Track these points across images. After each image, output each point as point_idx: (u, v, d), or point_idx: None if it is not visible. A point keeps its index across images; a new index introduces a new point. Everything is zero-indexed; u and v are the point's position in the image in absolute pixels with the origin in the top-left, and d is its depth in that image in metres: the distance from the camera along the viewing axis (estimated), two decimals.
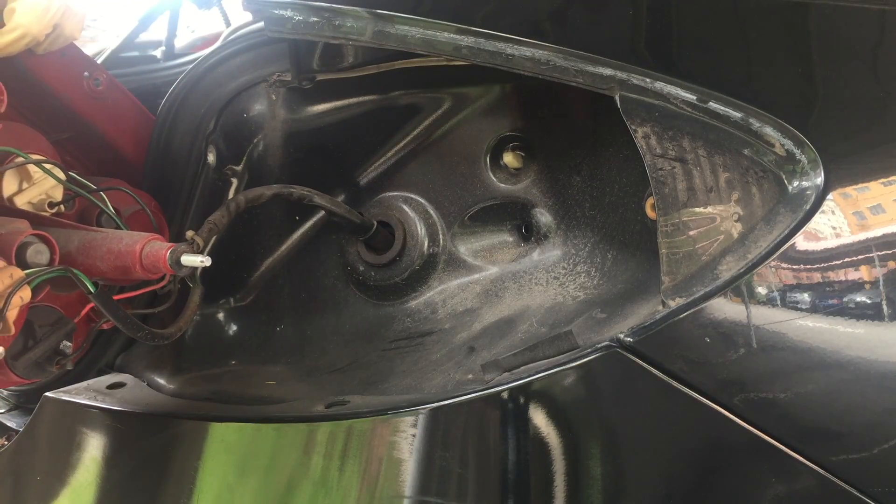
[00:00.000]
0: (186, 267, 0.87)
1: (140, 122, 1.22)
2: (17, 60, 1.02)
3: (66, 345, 0.91)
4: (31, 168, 0.95)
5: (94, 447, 1.00)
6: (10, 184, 0.95)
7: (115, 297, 0.93)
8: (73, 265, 0.87)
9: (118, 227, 1.00)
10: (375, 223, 1.22)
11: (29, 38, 0.95)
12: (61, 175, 0.98)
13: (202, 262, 0.86)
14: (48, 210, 0.97)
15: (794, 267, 0.73)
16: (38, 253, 0.84)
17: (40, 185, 0.97)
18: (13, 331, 0.80)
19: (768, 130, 0.75)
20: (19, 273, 0.80)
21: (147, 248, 0.87)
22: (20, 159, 0.93)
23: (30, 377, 0.88)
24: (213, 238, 1.01)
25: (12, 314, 0.79)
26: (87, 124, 1.14)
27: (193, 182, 1.20)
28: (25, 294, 0.80)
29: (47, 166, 0.96)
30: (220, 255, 1.24)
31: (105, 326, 1.00)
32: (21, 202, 0.95)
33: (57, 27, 0.99)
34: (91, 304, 0.90)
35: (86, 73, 1.12)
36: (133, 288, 0.96)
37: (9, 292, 0.78)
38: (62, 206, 0.99)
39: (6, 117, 0.98)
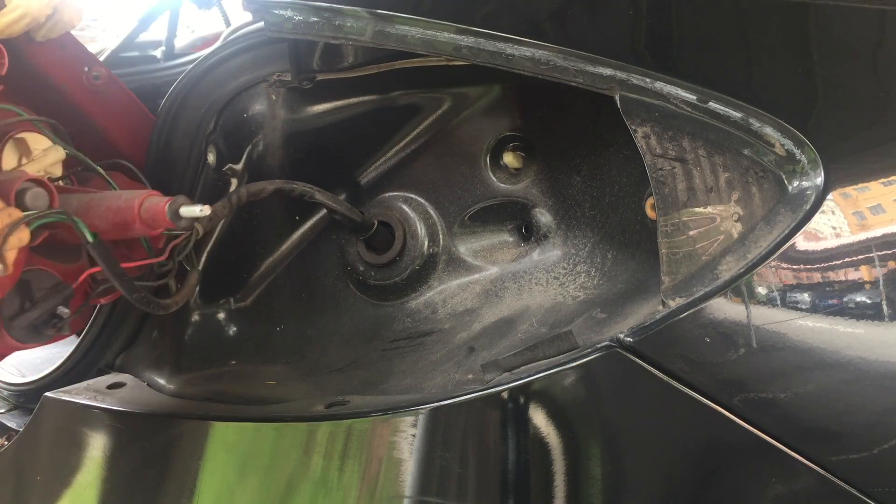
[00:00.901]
0: (186, 219, 0.87)
1: (138, 120, 1.22)
2: (18, 48, 1.02)
3: (64, 310, 0.91)
4: (32, 143, 0.95)
5: (94, 447, 1.00)
6: (10, 158, 0.95)
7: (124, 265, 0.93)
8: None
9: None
10: (376, 222, 1.22)
11: (29, 18, 0.95)
12: (61, 141, 0.98)
13: (202, 210, 0.86)
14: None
15: (794, 267, 0.73)
16: (37, 197, 0.84)
17: (40, 161, 0.97)
18: (11, 270, 0.81)
19: (768, 130, 0.75)
20: (18, 213, 0.80)
21: (146, 202, 0.87)
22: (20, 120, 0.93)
23: (26, 341, 0.89)
24: (217, 228, 1.01)
25: (11, 255, 0.80)
26: (85, 118, 1.14)
27: (193, 182, 1.20)
28: (24, 235, 0.80)
29: (46, 128, 0.95)
30: (221, 254, 1.24)
31: (102, 300, 1.00)
32: None
33: (56, 11, 0.99)
34: (89, 271, 0.91)
35: (86, 68, 1.13)
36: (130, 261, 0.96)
37: (6, 231, 0.78)
38: (62, 182, 0.99)
39: (3, 99, 0.98)
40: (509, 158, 1.18)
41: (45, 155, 0.97)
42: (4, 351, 0.94)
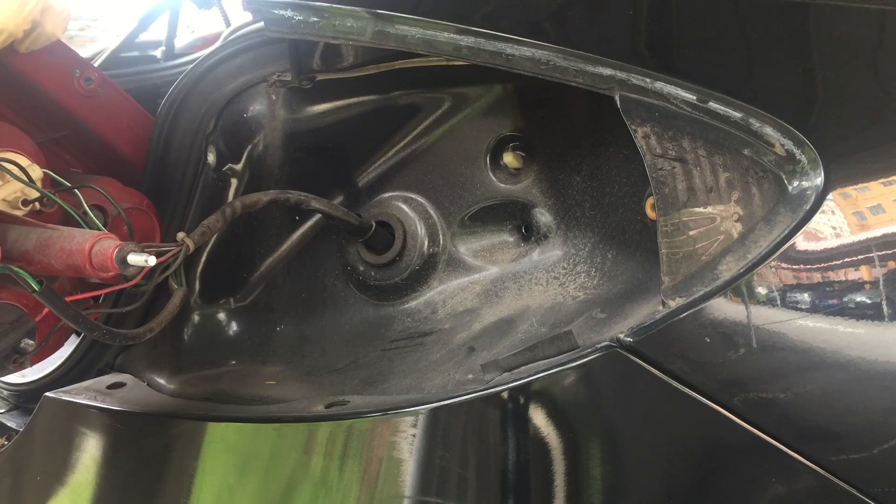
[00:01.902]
0: (133, 266, 0.85)
1: (136, 121, 1.22)
2: (3, 59, 1.01)
3: (28, 343, 0.90)
4: (9, 168, 0.94)
5: (93, 447, 1.00)
6: None
7: (78, 297, 0.92)
8: (30, 263, 0.86)
9: (85, 226, 0.97)
10: (374, 224, 1.22)
11: (6, 34, 0.93)
12: (24, 174, 0.96)
13: (146, 261, 0.85)
14: (22, 208, 0.96)
15: (794, 267, 0.73)
16: None
17: (14, 183, 0.95)
18: None
19: (768, 130, 0.75)
20: None
21: (96, 246, 0.86)
22: None
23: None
24: (211, 240, 1.01)
25: None
26: (80, 122, 1.14)
27: (193, 182, 1.21)
28: None
29: (7, 164, 0.93)
30: (220, 255, 1.24)
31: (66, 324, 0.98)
32: None
33: (36, 24, 0.97)
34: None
35: (77, 72, 1.12)
36: (98, 286, 0.94)
37: None
38: (37, 204, 0.97)
39: None
40: (509, 158, 1.18)
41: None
42: None
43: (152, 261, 0.85)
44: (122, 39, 1.94)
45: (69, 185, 1.01)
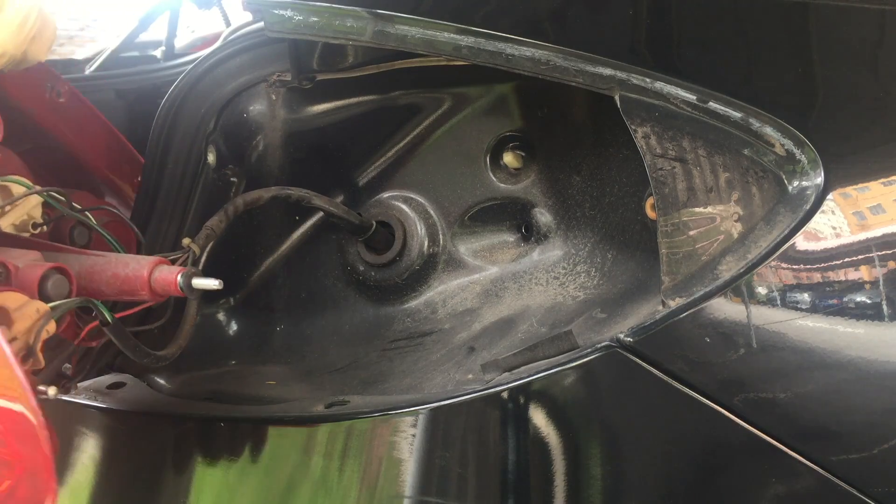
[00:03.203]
0: (198, 290, 0.88)
1: (101, 132, 1.21)
2: None
3: (67, 367, 0.91)
4: (13, 189, 0.94)
5: (93, 447, 1.00)
6: None
7: (119, 315, 0.93)
8: (78, 291, 0.87)
9: (118, 248, 0.99)
10: (374, 224, 1.22)
11: (7, 57, 0.92)
12: (60, 199, 0.97)
13: (216, 286, 0.87)
14: (31, 231, 0.97)
15: (794, 267, 0.73)
16: (58, 285, 0.84)
17: (22, 206, 0.96)
18: (43, 363, 0.80)
19: (768, 130, 0.75)
20: (44, 307, 0.80)
21: (156, 272, 0.88)
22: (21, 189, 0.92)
23: (43, 377, 0.88)
24: (210, 243, 1.01)
25: (39, 347, 0.79)
26: (49, 136, 1.13)
27: (193, 182, 1.20)
28: (51, 327, 0.80)
29: (54, 195, 0.95)
30: (220, 255, 1.24)
31: (93, 344, 1.00)
32: (5, 224, 0.95)
33: (31, 41, 0.95)
34: (90, 326, 0.90)
35: (48, 86, 1.11)
36: (127, 305, 0.95)
37: (38, 327, 0.78)
38: (44, 228, 0.98)
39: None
40: (509, 158, 1.18)
41: (25, 200, 0.95)
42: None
43: (220, 285, 0.87)
44: (122, 39, 1.94)
45: (78, 206, 1.00)
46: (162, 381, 1.14)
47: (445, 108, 1.20)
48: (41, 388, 0.79)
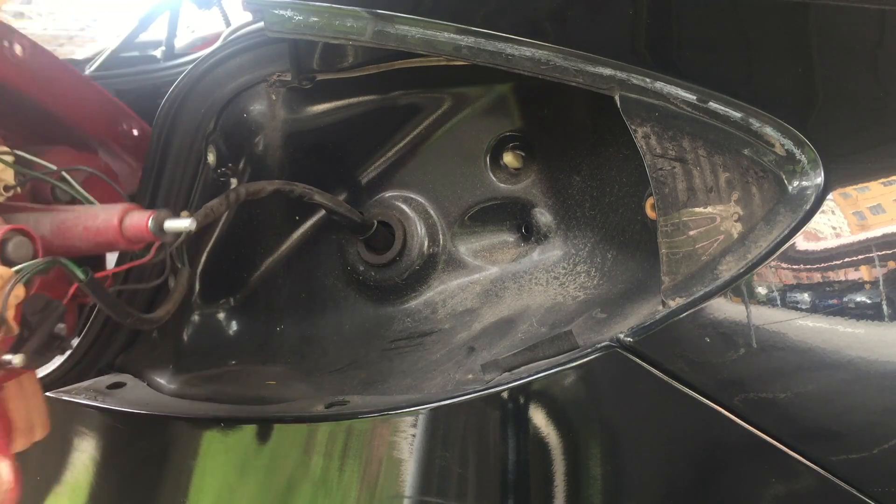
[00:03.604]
0: (171, 232, 0.85)
1: (73, 84, 1.16)
2: None
3: (61, 327, 0.90)
4: None
5: (93, 447, 1.00)
6: None
7: (99, 274, 0.91)
8: (50, 250, 0.85)
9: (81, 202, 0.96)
10: (376, 223, 1.22)
11: None
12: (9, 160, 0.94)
13: (188, 226, 0.84)
14: (3, 193, 0.93)
15: (794, 267, 0.73)
16: (20, 247, 0.81)
17: None
18: (16, 330, 0.79)
19: (768, 130, 0.75)
20: (8, 272, 0.78)
21: (127, 219, 0.86)
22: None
23: (33, 367, 0.87)
24: (207, 222, 0.99)
25: (10, 313, 0.78)
26: (16, 93, 1.08)
27: (193, 182, 1.20)
28: (19, 292, 0.79)
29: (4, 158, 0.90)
30: (220, 255, 1.24)
31: (87, 300, 0.97)
32: None
33: None
34: (76, 284, 0.88)
35: (5, 42, 1.08)
36: (119, 265, 0.93)
37: (4, 293, 0.76)
38: (18, 189, 0.95)
39: None
40: (509, 158, 1.18)
41: None
42: (11, 378, 0.92)
43: (194, 224, 0.84)
44: (122, 39, 1.94)
45: (51, 166, 0.97)
46: (162, 381, 1.14)
47: (445, 108, 1.20)
48: (6, 357, 0.77)
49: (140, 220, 0.85)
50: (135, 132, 1.24)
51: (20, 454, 0.87)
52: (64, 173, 0.97)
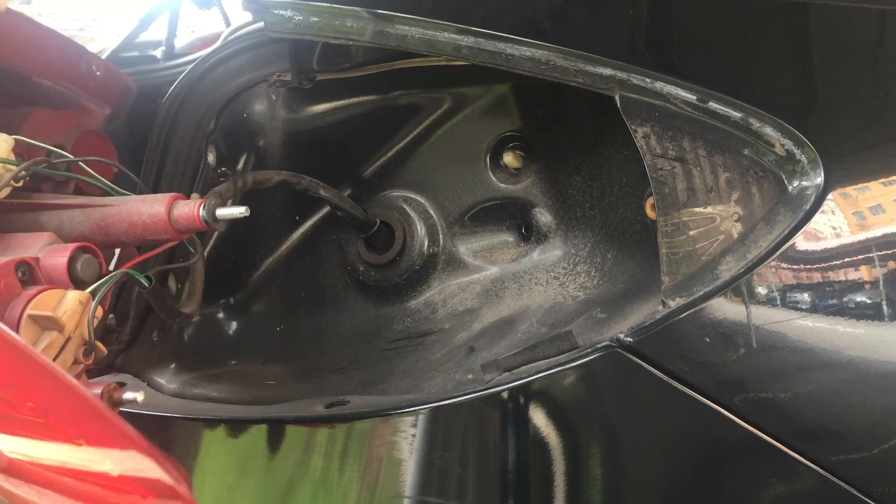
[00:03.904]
0: (223, 220, 0.84)
1: (30, 32, 1.10)
2: None
3: (111, 317, 0.88)
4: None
5: None
6: None
7: (137, 260, 0.90)
8: (96, 244, 0.83)
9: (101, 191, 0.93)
10: (378, 221, 1.22)
11: None
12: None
13: (243, 212, 0.83)
14: (14, 184, 0.88)
15: (794, 267, 0.73)
16: (89, 265, 0.79)
17: None
18: (105, 350, 0.77)
19: (768, 130, 0.75)
20: (85, 295, 0.75)
21: (175, 210, 0.84)
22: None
23: (99, 363, 0.86)
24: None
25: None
26: None
27: (193, 181, 1.21)
28: (98, 312, 0.77)
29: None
30: (221, 254, 1.24)
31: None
32: None
33: None
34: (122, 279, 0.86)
35: None
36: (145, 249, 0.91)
37: (87, 318, 0.74)
38: (26, 177, 0.90)
39: None
40: (509, 158, 1.18)
41: None
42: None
43: (247, 211, 0.83)
44: (122, 39, 1.94)
45: (67, 155, 0.93)
46: (162, 381, 1.14)
47: (445, 108, 1.20)
48: (128, 396, 0.74)
49: (190, 209, 0.84)
50: (98, 73, 1.19)
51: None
52: (83, 164, 0.93)
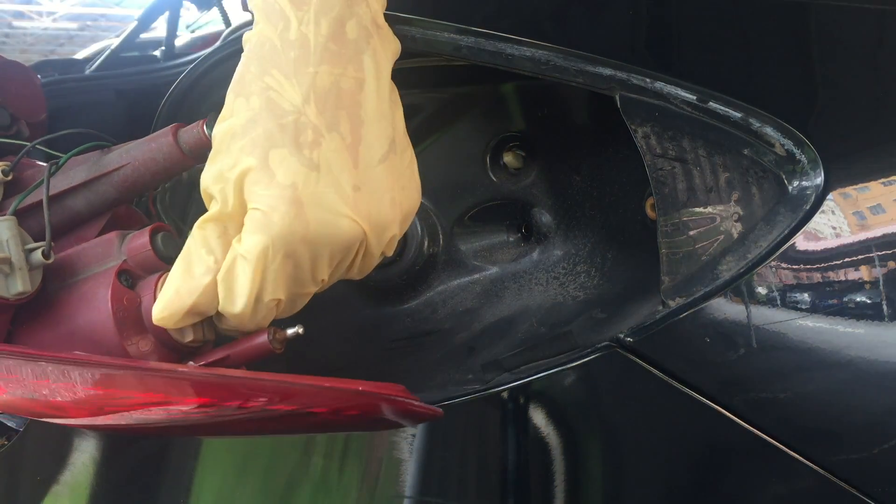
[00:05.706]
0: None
1: None
2: None
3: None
4: None
5: (94, 447, 1.00)
6: None
7: None
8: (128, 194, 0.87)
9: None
10: None
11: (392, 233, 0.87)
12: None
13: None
14: (3, 177, 0.87)
15: (794, 267, 0.73)
16: (167, 242, 0.81)
17: None
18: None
19: (768, 130, 0.75)
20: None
21: (181, 137, 0.85)
22: None
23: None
24: None
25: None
26: None
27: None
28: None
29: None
30: None
31: None
32: None
33: None
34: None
35: None
36: None
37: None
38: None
39: None
40: (509, 158, 1.18)
41: None
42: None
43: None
44: (122, 39, 1.94)
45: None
46: None
47: (445, 108, 1.20)
48: (290, 332, 0.85)
49: (197, 131, 0.85)
50: None
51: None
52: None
